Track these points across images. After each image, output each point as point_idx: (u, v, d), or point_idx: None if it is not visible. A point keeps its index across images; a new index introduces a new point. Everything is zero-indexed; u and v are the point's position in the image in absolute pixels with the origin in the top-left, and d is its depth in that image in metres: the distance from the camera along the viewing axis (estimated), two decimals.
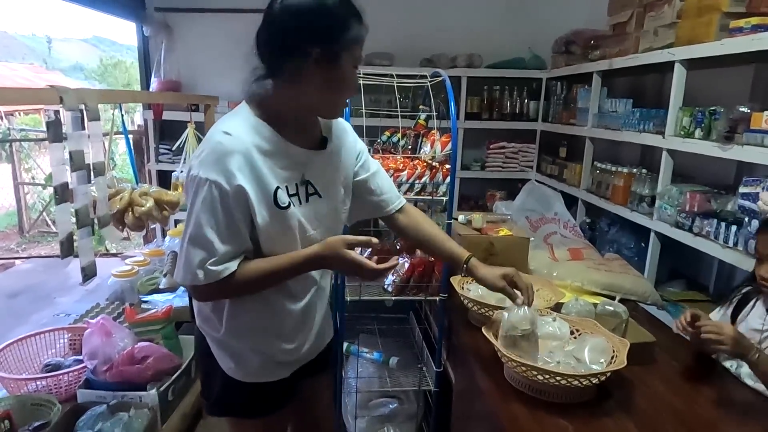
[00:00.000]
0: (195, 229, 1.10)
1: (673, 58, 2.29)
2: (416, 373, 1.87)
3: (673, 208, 2.30)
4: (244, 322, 1.24)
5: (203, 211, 1.09)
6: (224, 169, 1.08)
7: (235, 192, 1.09)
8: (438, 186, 1.61)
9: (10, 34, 35.40)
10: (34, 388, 1.91)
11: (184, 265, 1.12)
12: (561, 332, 1.28)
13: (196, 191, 1.09)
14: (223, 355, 1.27)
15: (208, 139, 1.14)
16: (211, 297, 1.21)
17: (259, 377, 1.27)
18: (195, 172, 1.10)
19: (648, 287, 1.88)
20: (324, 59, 1.09)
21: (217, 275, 1.10)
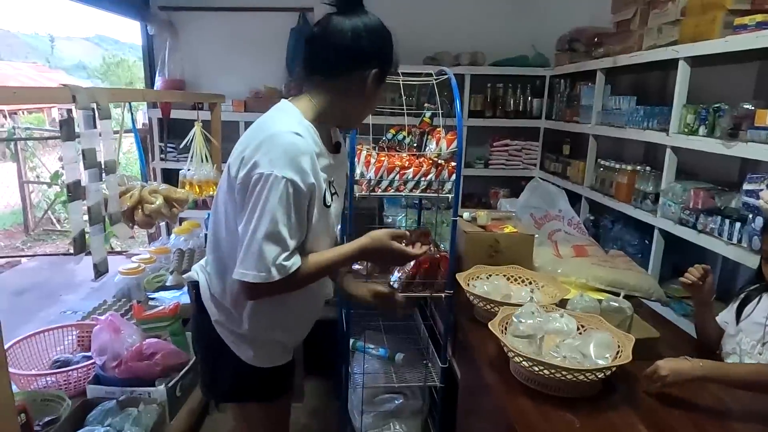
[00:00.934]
0: (270, 225, 1.14)
1: (677, 56, 2.29)
2: (422, 369, 1.88)
3: (677, 205, 2.31)
4: (268, 318, 1.32)
5: (279, 208, 1.13)
6: (300, 169, 1.15)
7: (308, 190, 1.18)
8: (443, 183, 1.62)
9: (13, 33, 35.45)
10: (44, 384, 1.93)
11: (257, 262, 1.15)
12: (568, 328, 1.29)
13: (269, 189, 1.13)
14: (243, 347, 1.33)
15: (274, 138, 1.17)
16: (270, 293, 1.23)
17: (275, 362, 1.38)
18: (268, 171, 1.13)
19: (652, 283, 1.89)
20: (377, 78, 1.25)
21: (288, 270, 1.17)
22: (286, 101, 1.30)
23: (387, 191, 1.64)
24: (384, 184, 1.63)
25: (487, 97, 4.05)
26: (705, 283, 1.48)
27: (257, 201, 1.14)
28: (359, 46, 1.22)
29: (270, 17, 4.15)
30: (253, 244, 1.15)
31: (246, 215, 1.17)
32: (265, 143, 1.16)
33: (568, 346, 1.22)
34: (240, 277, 1.17)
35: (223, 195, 1.27)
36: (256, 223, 1.14)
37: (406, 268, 1.72)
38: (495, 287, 1.60)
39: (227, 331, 1.34)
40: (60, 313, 3.37)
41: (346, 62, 1.23)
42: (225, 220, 1.27)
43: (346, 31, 1.21)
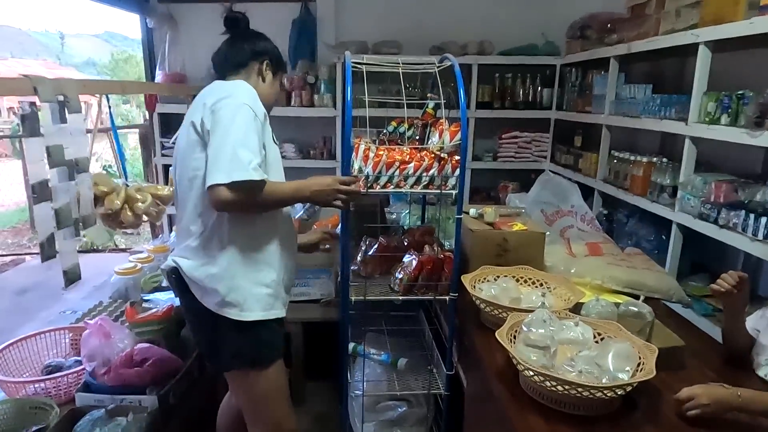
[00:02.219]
0: (241, 135, 1.35)
1: (697, 40, 2.17)
2: (426, 376, 1.78)
3: (696, 199, 2.19)
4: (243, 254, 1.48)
5: (246, 126, 1.37)
6: (255, 101, 1.45)
7: (264, 118, 1.46)
8: (447, 179, 1.51)
9: (24, 31, 35.73)
10: (33, 391, 1.86)
11: (233, 164, 1.32)
12: (584, 338, 1.18)
13: (235, 110, 1.38)
14: (230, 305, 1.46)
15: (233, 85, 1.50)
16: (242, 202, 1.37)
17: (266, 309, 1.51)
18: (232, 101, 1.40)
19: (673, 284, 1.76)
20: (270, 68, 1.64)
21: (262, 174, 1.37)
22: None
23: (386, 188, 1.53)
24: (383, 180, 1.52)
25: (496, 87, 3.92)
26: (740, 292, 1.33)
27: (226, 120, 1.37)
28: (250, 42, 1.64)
29: (271, 8, 4.06)
30: (227, 150, 1.33)
31: (216, 136, 1.37)
32: (224, 91, 1.45)
33: (584, 359, 1.10)
34: (218, 180, 1.32)
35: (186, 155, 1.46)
36: (228, 136, 1.35)
37: (408, 269, 1.61)
38: (503, 290, 1.48)
39: (212, 296, 1.47)
40: (59, 313, 3.33)
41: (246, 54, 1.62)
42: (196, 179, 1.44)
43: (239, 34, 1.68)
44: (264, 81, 1.63)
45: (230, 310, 1.46)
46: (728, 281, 1.31)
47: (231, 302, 1.46)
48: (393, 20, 4.03)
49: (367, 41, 3.89)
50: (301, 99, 3.99)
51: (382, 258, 1.72)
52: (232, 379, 1.59)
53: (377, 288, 1.68)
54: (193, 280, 1.48)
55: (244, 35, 1.65)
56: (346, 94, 1.53)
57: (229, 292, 1.46)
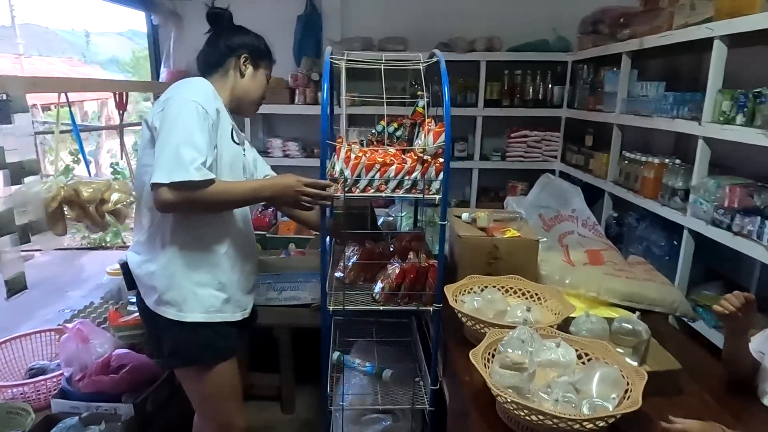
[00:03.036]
0: (185, 133, 1.30)
1: (711, 35, 2.06)
2: (413, 388, 1.69)
3: (709, 204, 2.07)
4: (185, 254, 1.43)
5: (191, 123, 1.31)
6: (207, 98, 1.39)
7: (215, 114, 1.38)
8: (431, 182, 1.42)
9: (51, 30, 36.48)
10: (13, 395, 1.82)
11: (174, 164, 1.27)
12: (565, 359, 1.07)
13: (181, 107, 1.32)
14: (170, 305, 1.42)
15: (185, 82, 1.42)
16: (186, 201, 1.32)
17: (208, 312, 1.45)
18: (179, 97, 1.35)
19: (677, 296, 1.64)
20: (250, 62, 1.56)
21: (206, 174, 1.30)
22: None
23: (366, 191, 1.44)
24: (362, 183, 1.43)
25: (504, 84, 3.80)
26: (746, 314, 1.21)
27: (171, 118, 1.32)
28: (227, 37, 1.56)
29: (276, 4, 4.01)
30: (169, 149, 1.28)
31: (161, 134, 1.32)
32: (180, 86, 1.40)
33: (562, 385, 1.00)
34: (159, 179, 1.27)
35: (143, 152, 1.42)
36: (172, 134, 1.29)
37: (389, 277, 1.52)
38: (488, 302, 1.38)
39: (150, 293, 1.44)
40: (58, 311, 3.32)
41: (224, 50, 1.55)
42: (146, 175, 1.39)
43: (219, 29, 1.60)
44: (243, 76, 1.55)
45: (168, 309, 1.42)
46: (733, 302, 1.19)
47: (168, 301, 1.42)
48: (399, 16, 3.93)
49: (373, 37, 3.81)
50: (305, 96, 3.92)
51: (366, 265, 1.64)
52: (179, 376, 1.56)
53: (360, 296, 1.59)
54: (137, 276, 1.46)
55: (224, 32, 1.57)
56: (323, 92, 1.45)
57: (167, 291, 1.42)
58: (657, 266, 2.50)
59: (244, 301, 1.57)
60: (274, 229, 3.18)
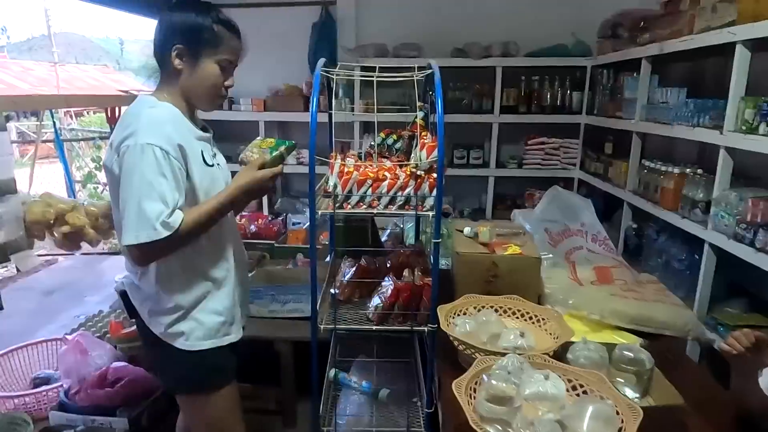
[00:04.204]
0: (146, 188, 1.20)
1: (734, 39, 1.96)
2: (410, 409, 1.63)
3: (731, 217, 1.96)
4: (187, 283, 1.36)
5: (151, 172, 1.21)
6: (162, 133, 1.25)
7: (176, 150, 1.26)
8: (424, 198, 1.36)
9: (87, 38, 37.75)
10: (14, 406, 1.84)
11: (139, 223, 1.20)
12: (554, 393, 1.00)
13: (138, 156, 1.21)
14: (175, 334, 1.37)
15: (134, 116, 1.27)
16: (160, 253, 1.27)
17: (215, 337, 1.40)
18: (132, 142, 1.22)
19: (689, 318, 1.54)
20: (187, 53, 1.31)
21: (172, 226, 1.21)
22: (141, 94, 1.42)
23: (358, 207, 1.40)
24: (354, 199, 1.39)
25: (521, 90, 3.72)
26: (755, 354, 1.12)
27: (129, 169, 1.22)
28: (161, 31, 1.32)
29: (291, 12, 4.01)
30: (134, 207, 1.20)
31: (123, 187, 1.23)
32: (127, 125, 1.26)
33: (546, 423, 0.93)
34: (127, 241, 1.21)
35: (112, 195, 1.33)
36: (132, 188, 1.21)
37: (383, 296, 1.47)
38: (482, 325, 1.31)
39: (157, 323, 1.37)
40: (73, 317, 3.38)
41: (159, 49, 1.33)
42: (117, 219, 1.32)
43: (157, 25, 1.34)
44: (184, 73, 1.32)
45: (176, 339, 1.37)
46: (742, 342, 1.09)
47: (176, 332, 1.36)
48: (414, 22, 3.89)
49: (387, 44, 3.77)
50: (319, 104, 3.89)
51: (362, 282, 1.59)
52: (182, 402, 1.50)
53: (353, 315, 1.55)
54: (140, 308, 1.40)
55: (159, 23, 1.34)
56: (312, 102, 1.41)
57: (174, 323, 1.36)
58: (677, 281, 2.39)
59: (243, 316, 1.54)
60: (283, 238, 3.16)
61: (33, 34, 36.74)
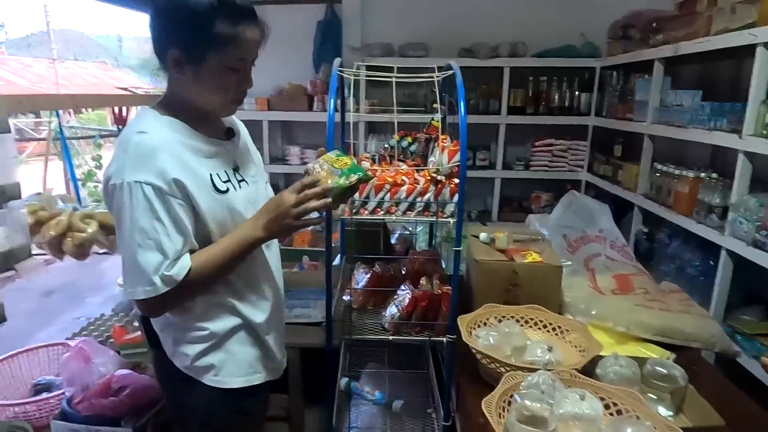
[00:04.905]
0: (139, 235, 1.03)
1: (754, 41, 1.93)
2: (424, 420, 1.59)
3: (750, 223, 1.93)
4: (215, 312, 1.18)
5: (143, 217, 1.03)
6: (153, 168, 1.03)
7: (171, 186, 1.05)
8: (444, 205, 1.31)
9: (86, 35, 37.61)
10: (14, 414, 1.78)
11: (136, 277, 1.04)
12: (590, 414, 0.95)
13: (125, 198, 1.02)
14: (204, 368, 1.19)
15: (122, 144, 1.07)
16: (169, 306, 1.12)
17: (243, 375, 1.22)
18: (119, 180, 1.03)
19: (716, 330, 1.49)
20: (185, 60, 1.07)
21: (175, 279, 1.04)
22: (143, 107, 1.17)
23: (375, 213, 1.34)
24: (371, 205, 1.34)
25: (529, 91, 3.68)
26: None
27: (119, 215, 1.04)
28: (153, 33, 1.10)
29: (296, 10, 3.96)
30: (128, 259, 1.05)
31: (117, 232, 1.07)
32: (114, 154, 1.08)
33: None
34: (128, 296, 1.07)
35: None
36: (124, 237, 1.04)
37: (400, 305, 1.42)
38: (505, 336, 1.26)
39: (183, 355, 1.18)
40: (73, 319, 3.32)
41: (157, 53, 1.11)
42: None
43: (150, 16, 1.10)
44: (187, 82, 1.10)
45: (205, 374, 1.19)
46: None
47: (204, 365, 1.18)
48: (420, 22, 3.84)
49: (393, 43, 3.73)
50: (323, 104, 3.85)
51: (377, 290, 1.54)
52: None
53: (369, 324, 1.50)
54: (163, 338, 1.22)
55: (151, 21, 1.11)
56: (329, 103, 1.35)
57: (204, 354, 1.18)
58: (691, 287, 2.35)
59: (279, 356, 1.34)
60: (289, 241, 3.11)
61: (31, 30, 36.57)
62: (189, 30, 1.04)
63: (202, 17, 1.03)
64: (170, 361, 1.20)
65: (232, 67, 1.09)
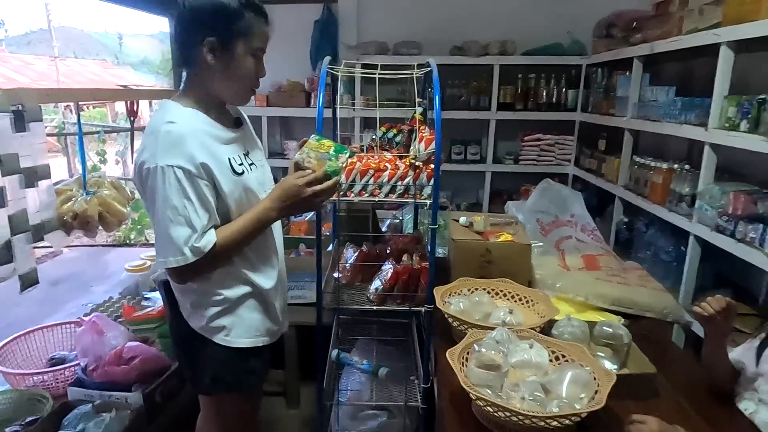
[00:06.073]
0: (171, 212, 1.18)
1: (718, 40, 2.06)
2: (407, 386, 1.74)
3: (714, 210, 2.07)
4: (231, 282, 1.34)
5: (174, 196, 1.18)
6: (183, 152, 1.19)
7: (198, 169, 1.20)
8: (422, 187, 1.47)
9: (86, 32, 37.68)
10: (33, 383, 1.94)
11: (168, 247, 1.20)
12: (537, 360, 1.11)
13: (158, 180, 1.17)
14: (217, 329, 1.34)
15: (152, 133, 1.21)
16: (196, 274, 1.27)
17: (252, 335, 1.39)
18: (153, 164, 1.17)
19: (669, 302, 1.65)
20: (219, 47, 1.23)
21: (203, 250, 1.21)
22: (163, 101, 1.34)
23: (360, 195, 1.50)
24: (357, 188, 1.49)
25: (518, 88, 3.81)
26: (726, 319, 1.23)
27: (152, 194, 1.19)
28: (186, 28, 1.25)
29: (294, 10, 4.09)
30: (162, 233, 1.20)
31: (149, 211, 1.23)
32: (145, 142, 1.22)
33: (530, 384, 1.04)
34: (160, 265, 1.23)
35: None
36: (158, 213, 1.19)
37: (383, 278, 1.58)
38: (475, 304, 1.42)
39: (198, 316, 1.35)
40: (81, 305, 3.48)
41: (185, 46, 1.27)
42: None
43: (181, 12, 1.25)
44: (217, 68, 1.25)
45: (216, 333, 1.34)
46: (713, 305, 1.21)
47: (217, 326, 1.34)
48: (414, 20, 3.98)
49: (388, 42, 3.87)
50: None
51: (364, 266, 1.69)
52: (209, 403, 1.47)
53: (356, 296, 1.65)
54: (182, 300, 1.37)
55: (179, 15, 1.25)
56: (318, 98, 1.51)
57: (217, 317, 1.34)
58: (664, 271, 2.49)
59: (281, 318, 1.50)
60: (286, 229, 3.26)
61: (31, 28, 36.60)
62: (223, 20, 1.22)
63: (234, 10, 1.22)
64: (186, 323, 1.36)
65: (254, 55, 1.28)
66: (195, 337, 1.36)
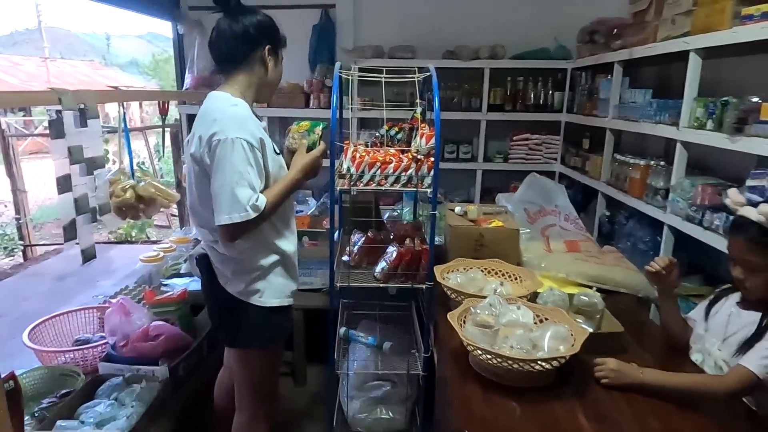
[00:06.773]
0: (237, 176, 1.42)
1: (687, 47, 2.24)
2: (409, 358, 1.93)
3: (684, 201, 2.26)
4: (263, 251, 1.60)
5: (240, 162, 1.42)
6: (247, 129, 1.46)
7: (259, 143, 1.47)
8: (423, 178, 1.66)
9: (73, 33, 37.38)
10: (64, 360, 2.10)
11: (234, 206, 1.42)
12: (524, 320, 1.31)
13: (229, 149, 1.42)
14: (252, 292, 1.60)
15: (220, 112, 1.49)
16: (245, 231, 1.48)
17: (281, 296, 1.65)
18: (224, 137, 1.43)
19: (640, 280, 1.86)
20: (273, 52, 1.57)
21: (260, 207, 1.45)
22: (213, 92, 1.60)
23: (369, 185, 1.70)
24: (366, 178, 1.69)
25: (507, 90, 4.01)
26: (669, 274, 1.50)
27: (222, 160, 1.42)
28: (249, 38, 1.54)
29: (292, 14, 4.25)
30: (227, 192, 1.42)
31: (216, 175, 1.44)
32: (216, 120, 1.46)
33: (518, 337, 1.24)
34: (221, 221, 1.43)
35: (195, 180, 1.55)
36: (226, 177, 1.42)
37: (388, 259, 1.77)
38: (470, 280, 1.62)
39: (237, 282, 1.60)
40: (92, 297, 3.62)
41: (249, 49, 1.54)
42: (200, 200, 1.57)
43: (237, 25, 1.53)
44: (267, 69, 1.58)
45: (253, 296, 1.61)
46: (659, 263, 1.45)
47: (252, 290, 1.60)
48: (409, 26, 4.17)
49: (383, 46, 4.05)
50: (319, 101, 4.18)
51: (370, 249, 1.89)
52: (245, 356, 1.72)
53: (363, 276, 1.85)
54: (220, 270, 1.62)
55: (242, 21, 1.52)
56: (332, 99, 1.70)
57: (253, 282, 1.60)
58: (642, 260, 2.70)
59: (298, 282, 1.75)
60: None
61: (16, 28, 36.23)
62: (274, 33, 1.59)
63: (277, 27, 1.61)
64: (224, 289, 1.62)
65: (282, 60, 1.65)
66: (233, 301, 1.61)
